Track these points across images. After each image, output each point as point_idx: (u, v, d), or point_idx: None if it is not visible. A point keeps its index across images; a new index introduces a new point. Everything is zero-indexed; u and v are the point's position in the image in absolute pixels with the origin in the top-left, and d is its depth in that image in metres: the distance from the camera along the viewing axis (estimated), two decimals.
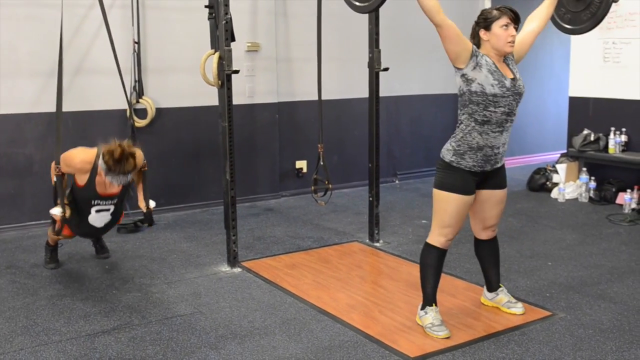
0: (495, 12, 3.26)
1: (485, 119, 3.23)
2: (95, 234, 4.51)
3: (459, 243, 4.73)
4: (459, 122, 3.33)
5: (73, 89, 5.50)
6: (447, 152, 3.35)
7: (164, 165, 5.99)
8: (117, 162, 3.81)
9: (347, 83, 6.85)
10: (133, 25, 5.73)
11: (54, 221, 4.17)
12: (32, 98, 5.46)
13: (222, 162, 4.38)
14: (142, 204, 4.27)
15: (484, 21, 3.28)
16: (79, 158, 4.06)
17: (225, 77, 4.24)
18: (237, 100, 4.82)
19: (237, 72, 4.24)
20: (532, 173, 6.95)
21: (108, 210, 4.20)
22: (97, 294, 3.99)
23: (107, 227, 4.33)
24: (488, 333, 3.40)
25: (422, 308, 3.46)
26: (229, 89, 4.28)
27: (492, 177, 3.43)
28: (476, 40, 3.32)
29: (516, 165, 8.22)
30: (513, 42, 3.25)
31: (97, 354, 3.20)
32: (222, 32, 4.22)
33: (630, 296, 3.91)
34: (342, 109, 6.97)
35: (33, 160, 5.52)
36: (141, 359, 3.16)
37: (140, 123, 5.75)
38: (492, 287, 3.72)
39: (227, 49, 4.22)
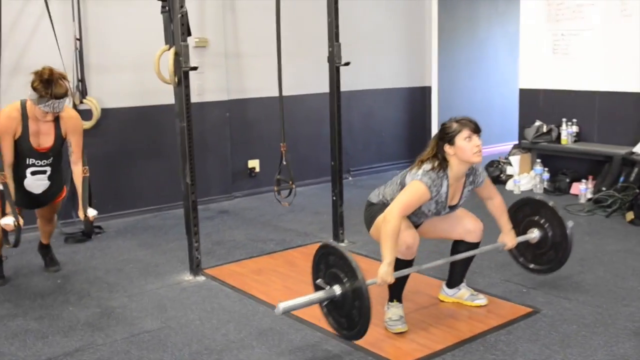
0: (455, 126, 3.26)
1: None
2: (36, 204, 4.13)
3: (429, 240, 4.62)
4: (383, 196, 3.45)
5: (10, 90, 5.10)
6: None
7: (111, 168, 5.67)
8: (47, 83, 3.59)
9: (298, 79, 6.65)
10: (74, 20, 5.38)
11: (5, 231, 3.82)
12: None
13: (181, 164, 4.12)
14: (80, 212, 3.98)
15: (446, 136, 3.26)
16: (3, 113, 3.78)
17: (182, 74, 3.99)
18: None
19: (195, 68, 4.01)
20: (486, 165, 6.93)
21: (44, 172, 3.93)
22: (52, 312, 3.69)
23: (47, 196, 4.05)
24: (474, 334, 3.29)
25: (388, 302, 3.42)
26: (187, 86, 4.03)
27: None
28: (441, 155, 3.28)
29: None
30: (479, 151, 3.24)
31: None
32: (177, 27, 3.97)
33: (604, 287, 3.89)
34: (294, 105, 6.77)
35: None
36: None
37: (84, 125, 5.39)
38: (455, 283, 3.68)
39: (184, 45, 3.98)
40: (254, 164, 6.63)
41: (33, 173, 3.90)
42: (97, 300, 3.85)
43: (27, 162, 3.87)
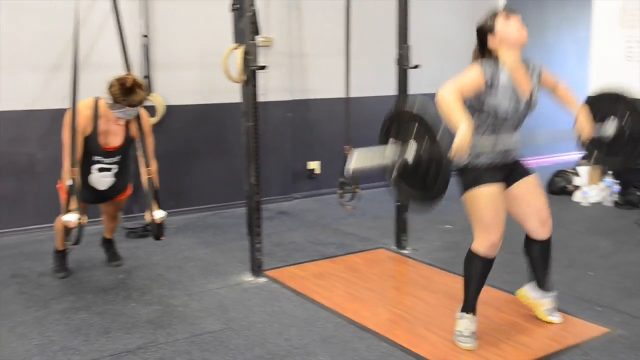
0: (486, 18, 3.12)
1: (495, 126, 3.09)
2: (99, 199, 4.14)
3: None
4: None
5: (77, 85, 5.15)
6: None
7: (173, 166, 5.67)
8: (126, 91, 3.61)
9: (362, 80, 6.54)
10: (141, 17, 5.40)
11: (66, 229, 3.82)
12: (34, 94, 5.13)
13: (246, 164, 4.07)
14: (148, 215, 3.95)
15: (483, 29, 3.11)
16: (77, 108, 3.76)
17: (250, 73, 3.94)
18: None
19: (263, 67, 3.96)
20: (552, 176, 6.71)
21: (110, 170, 3.93)
22: (114, 307, 3.68)
23: (112, 192, 4.05)
24: (547, 353, 3.13)
25: (461, 311, 3.24)
26: (254, 86, 3.98)
27: (515, 169, 3.24)
28: (487, 55, 3.11)
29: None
30: (520, 27, 3.04)
31: None
32: (247, 25, 3.92)
33: None
34: (356, 107, 6.67)
35: (35, 159, 5.19)
36: None
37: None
38: (543, 286, 3.46)
39: (253, 43, 3.93)
40: (314, 165, 6.56)
41: (99, 170, 3.91)
42: (158, 298, 3.83)
43: (94, 159, 3.87)
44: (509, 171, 3.20)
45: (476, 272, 3.17)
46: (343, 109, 6.63)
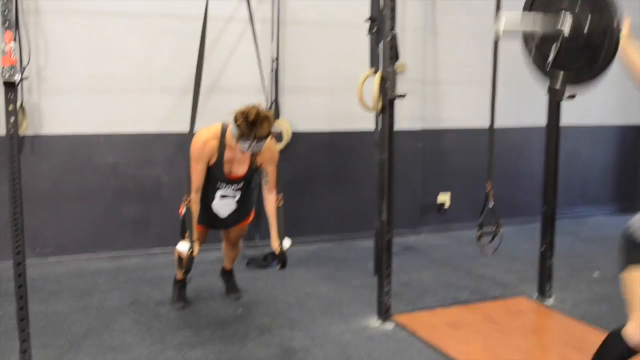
0: None
1: None
2: (220, 225, 3.96)
3: None
4: None
5: (205, 108, 5.01)
6: None
7: (296, 193, 5.45)
8: (252, 125, 3.34)
9: (501, 110, 6.09)
10: (272, 41, 5.25)
11: (180, 257, 3.65)
12: (163, 116, 5.07)
13: (378, 199, 3.75)
14: (275, 243, 3.72)
15: None
16: (203, 137, 3.57)
17: (387, 102, 3.63)
18: (373, 125, 4.19)
19: (403, 96, 3.63)
20: None
21: (233, 197, 3.73)
22: (231, 347, 3.44)
23: (232, 219, 3.85)
24: None
25: None
26: (391, 116, 3.66)
27: None
28: None
29: None
30: None
31: None
32: (386, 50, 3.62)
33: None
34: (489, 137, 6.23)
35: (161, 182, 5.13)
36: None
37: None
38: None
39: (392, 70, 3.62)
40: (444, 198, 6.15)
41: (222, 197, 3.72)
42: (278, 339, 3.56)
43: (217, 186, 3.69)
44: None
45: (614, 357, 2.63)
46: (477, 140, 6.21)
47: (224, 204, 3.75)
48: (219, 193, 3.71)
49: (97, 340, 3.47)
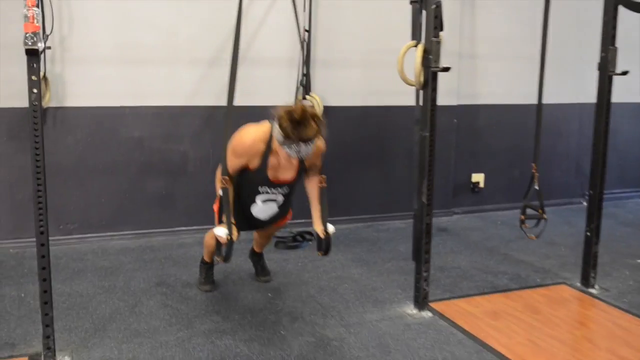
0: None
1: None
2: (256, 227, 3.70)
3: None
4: None
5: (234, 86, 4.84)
6: None
7: (326, 172, 5.21)
8: (297, 125, 2.97)
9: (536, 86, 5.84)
10: (304, 10, 5.02)
11: (218, 242, 3.40)
12: (190, 89, 4.88)
13: (418, 180, 3.54)
14: (319, 227, 3.39)
15: None
16: (251, 138, 3.23)
17: (430, 76, 3.40)
18: (410, 100, 3.94)
19: (447, 69, 3.40)
20: None
21: (275, 201, 3.44)
22: (262, 334, 3.28)
23: (271, 221, 3.59)
24: None
25: None
26: (434, 89, 3.44)
27: None
28: None
29: None
30: None
31: None
32: (430, 20, 3.39)
33: None
34: (527, 115, 5.96)
35: (188, 158, 4.96)
36: None
37: None
38: None
39: (436, 41, 3.39)
40: (479, 177, 5.93)
41: (264, 201, 3.44)
42: (310, 326, 3.39)
43: (260, 190, 3.39)
44: None
45: None
46: (514, 117, 5.98)
47: (266, 208, 3.47)
48: (260, 197, 3.42)
49: (123, 324, 3.33)
